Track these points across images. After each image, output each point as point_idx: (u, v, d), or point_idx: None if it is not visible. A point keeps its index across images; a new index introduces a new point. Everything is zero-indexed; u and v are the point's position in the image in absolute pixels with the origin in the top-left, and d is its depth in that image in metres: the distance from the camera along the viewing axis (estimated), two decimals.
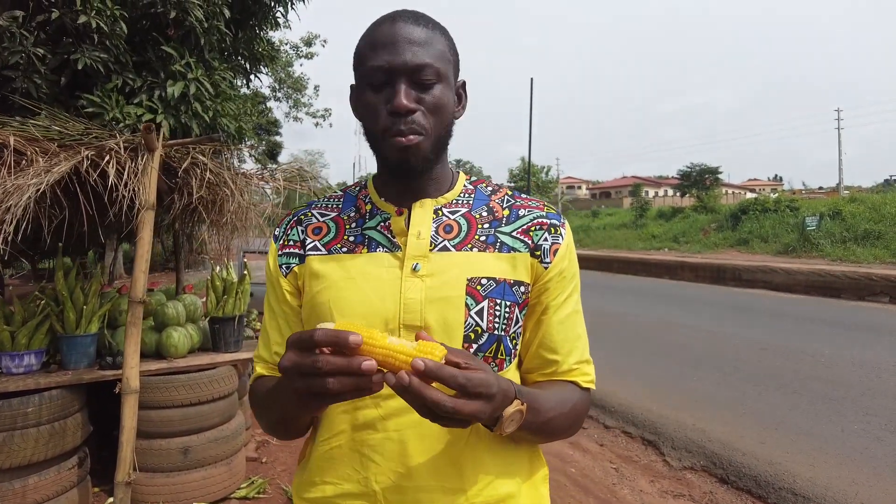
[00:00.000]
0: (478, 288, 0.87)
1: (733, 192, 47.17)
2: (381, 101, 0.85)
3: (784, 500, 3.21)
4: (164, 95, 3.54)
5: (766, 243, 17.61)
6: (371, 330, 0.68)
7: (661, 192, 51.86)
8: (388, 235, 0.91)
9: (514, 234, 0.92)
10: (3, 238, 2.01)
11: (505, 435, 0.79)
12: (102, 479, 3.05)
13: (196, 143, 2.86)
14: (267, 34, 5.18)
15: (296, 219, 0.98)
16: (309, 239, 0.95)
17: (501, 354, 0.89)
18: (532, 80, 13.00)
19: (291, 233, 0.96)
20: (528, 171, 18.54)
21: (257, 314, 5.85)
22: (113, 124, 3.25)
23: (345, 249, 0.92)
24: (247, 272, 3.59)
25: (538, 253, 0.91)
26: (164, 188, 2.92)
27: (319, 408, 0.82)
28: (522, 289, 0.90)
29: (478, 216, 0.93)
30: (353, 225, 0.94)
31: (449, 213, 0.93)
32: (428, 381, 0.65)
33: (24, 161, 2.23)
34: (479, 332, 0.86)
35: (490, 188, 0.99)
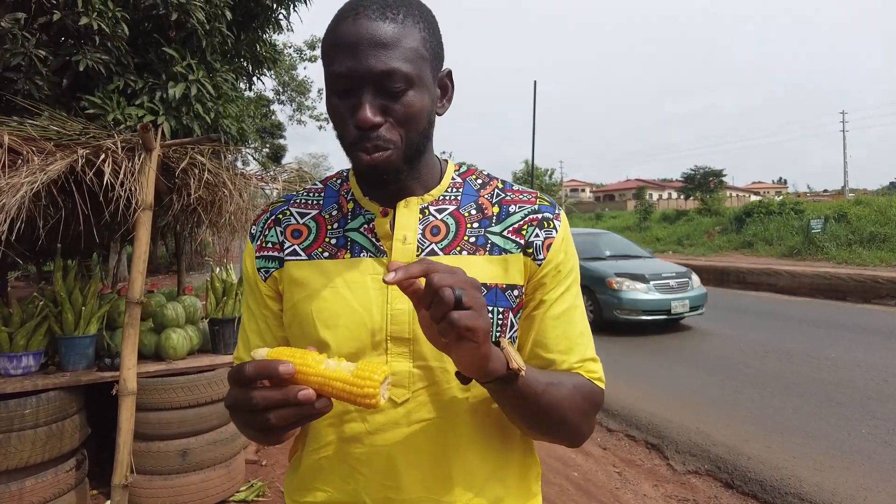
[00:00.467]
0: None
1: (737, 195, 47.03)
2: (347, 110, 0.78)
3: None
4: (165, 97, 3.54)
5: (771, 246, 17.50)
6: (306, 354, 0.65)
7: (664, 195, 51.71)
8: (373, 239, 0.86)
9: (505, 233, 0.87)
10: None
11: (520, 369, 0.71)
12: (101, 481, 3.03)
13: (194, 143, 2.85)
14: (270, 37, 5.18)
15: (273, 218, 0.92)
16: (288, 242, 0.89)
17: None
18: (535, 82, 12.99)
19: (269, 234, 0.91)
20: (532, 174, 18.49)
21: None
22: (114, 125, 3.25)
23: (326, 254, 0.87)
24: None
25: (530, 251, 0.86)
26: (163, 188, 2.91)
27: (279, 439, 0.77)
28: (516, 292, 0.85)
29: (466, 214, 0.88)
30: (335, 225, 0.89)
31: (436, 211, 0.88)
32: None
33: (19, 160, 2.22)
34: None
35: (480, 180, 0.93)
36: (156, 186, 2.57)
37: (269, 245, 0.90)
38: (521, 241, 0.87)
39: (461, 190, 0.91)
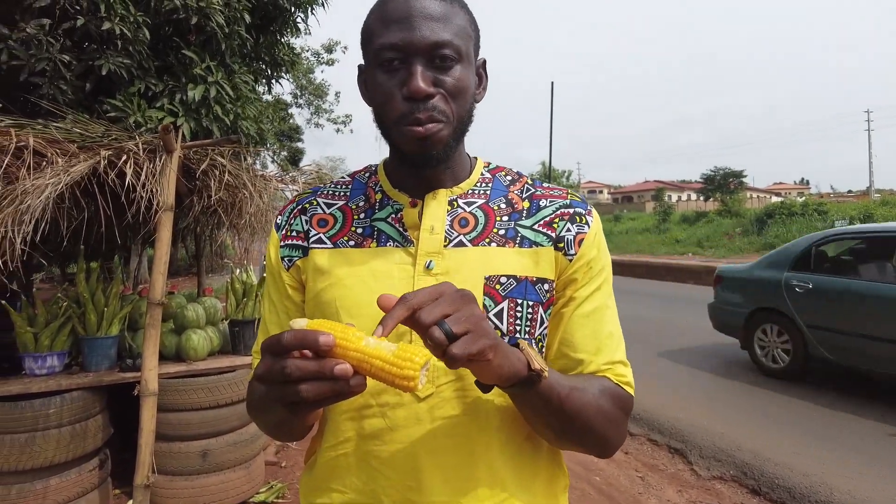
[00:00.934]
0: (496, 287, 0.80)
1: (758, 196, 46.26)
2: (395, 84, 0.76)
3: None
4: (185, 99, 3.57)
5: None
6: (346, 329, 0.62)
7: (684, 197, 51.12)
8: (400, 229, 0.84)
9: (536, 227, 0.85)
10: (23, 238, 2.02)
11: (542, 370, 0.69)
12: (123, 481, 3.05)
13: (214, 145, 2.86)
14: (288, 40, 5.22)
15: (300, 207, 0.90)
16: (313, 231, 0.88)
17: None
18: (553, 83, 12.90)
19: (294, 222, 0.89)
20: (549, 175, 18.41)
21: None
22: (135, 127, 3.28)
23: (352, 243, 0.85)
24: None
25: (561, 245, 0.84)
26: (184, 190, 2.93)
27: (307, 414, 0.74)
28: (546, 286, 0.82)
29: (496, 208, 0.86)
30: (362, 215, 0.87)
31: (465, 204, 0.86)
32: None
33: (44, 162, 2.25)
34: (499, 336, 0.78)
35: (510, 177, 0.92)
36: (176, 188, 2.59)
37: (294, 234, 0.89)
38: (553, 235, 0.84)
39: (490, 185, 0.90)
